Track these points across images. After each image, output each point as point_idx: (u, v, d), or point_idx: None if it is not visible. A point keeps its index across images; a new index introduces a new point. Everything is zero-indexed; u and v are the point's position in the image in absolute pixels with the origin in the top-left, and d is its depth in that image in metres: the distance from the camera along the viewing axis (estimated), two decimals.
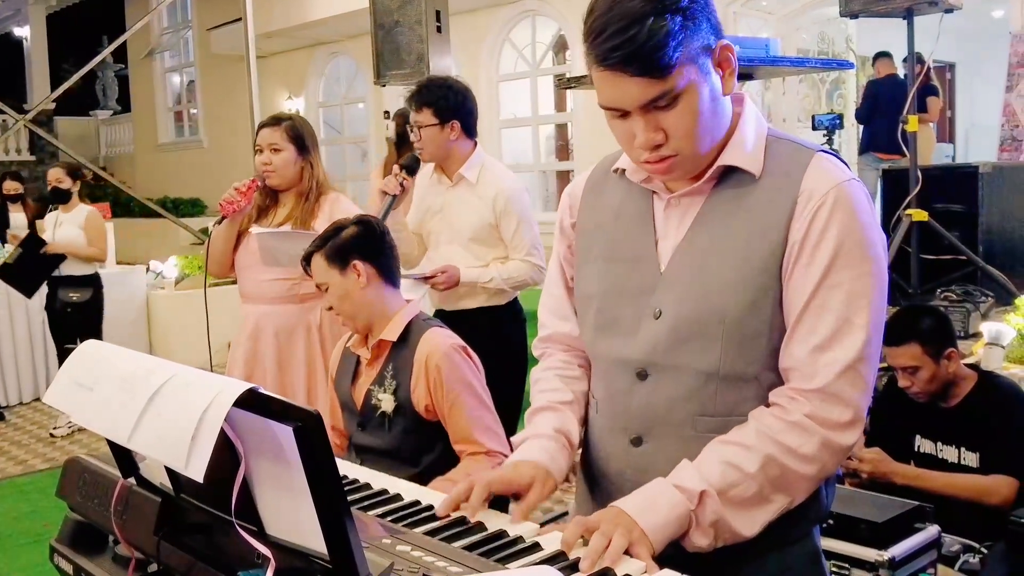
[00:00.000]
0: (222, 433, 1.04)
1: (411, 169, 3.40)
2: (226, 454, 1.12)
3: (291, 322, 3.32)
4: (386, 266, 2.59)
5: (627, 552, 1.31)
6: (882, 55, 8.80)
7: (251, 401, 1.04)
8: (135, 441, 1.09)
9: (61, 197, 6.55)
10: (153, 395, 1.10)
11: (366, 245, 2.57)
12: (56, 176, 6.54)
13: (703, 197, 1.50)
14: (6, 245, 7.93)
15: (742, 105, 1.52)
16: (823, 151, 1.50)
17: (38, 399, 7.61)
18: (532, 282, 3.54)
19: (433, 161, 3.54)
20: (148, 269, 8.40)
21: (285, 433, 1.02)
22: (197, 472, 1.01)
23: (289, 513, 1.11)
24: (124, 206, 13.94)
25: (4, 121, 15.59)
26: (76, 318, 6.50)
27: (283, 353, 3.33)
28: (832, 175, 1.45)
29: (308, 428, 0.99)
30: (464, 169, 3.51)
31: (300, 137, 3.38)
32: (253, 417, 1.06)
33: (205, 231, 11.21)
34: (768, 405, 1.46)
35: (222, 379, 1.07)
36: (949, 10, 5.09)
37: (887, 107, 8.07)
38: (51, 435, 6.44)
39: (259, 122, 3.50)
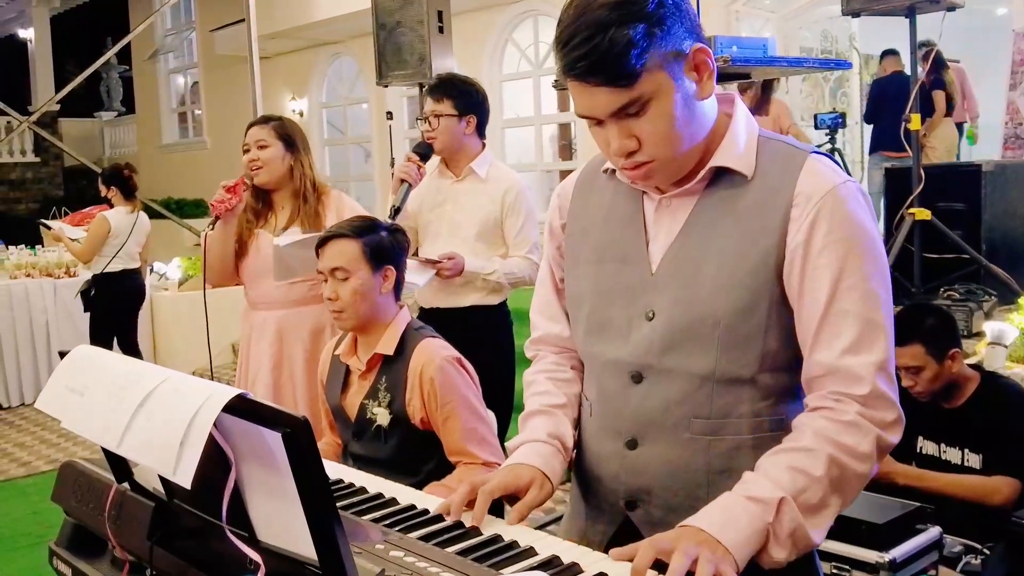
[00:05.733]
0: (212, 439, 1.04)
1: (424, 156, 3.46)
2: (218, 459, 1.11)
3: (320, 322, 3.31)
4: (401, 280, 2.60)
5: None
6: (889, 53, 8.71)
7: (240, 407, 1.03)
8: (125, 447, 1.08)
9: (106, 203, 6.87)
10: (143, 400, 1.09)
11: (400, 255, 2.58)
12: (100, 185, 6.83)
13: (694, 198, 1.50)
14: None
15: (732, 106, 1.52)
16: (816, 152, 1.49)
17: None
18: (530, 281, 3.53)
19: (444, 152, 3.56)
20: (152, 270, 8.41)
21: (274, 439, 1.01)
22: (185, 478, 1.00)
23: (280, 519, 1.10)
24: None
25: (8, 123, 15.63)
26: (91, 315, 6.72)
27: (311, 354, 3.31)
28: (827, 178, 1.44)
29: (296, 434, 0.99)
30: (475, 164, 3.54)
31: (288, 135, 3.37)
32: (243, 423, 1.06)
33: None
34: (763, 409, 1.47)
35: (211, 385, 1.06)
36: (951, 8, 5.07)
37: (893, 105, 7.96)
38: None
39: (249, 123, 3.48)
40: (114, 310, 6.73)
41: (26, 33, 17.51)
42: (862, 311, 1.40)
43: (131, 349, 6.87)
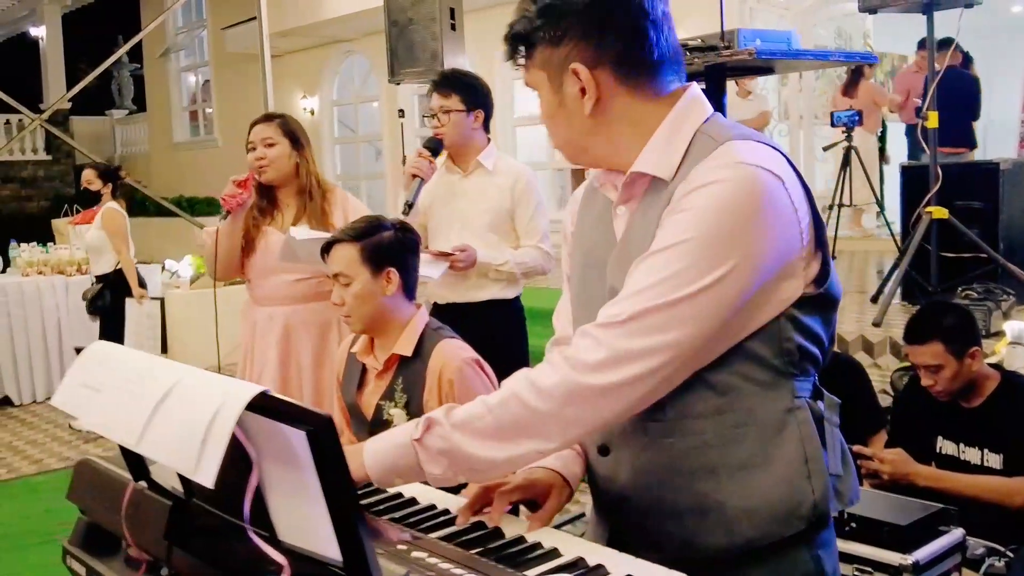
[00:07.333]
0: (234, 437, 1.01)
1: (435, 151, 3.47)
2: (238, 458, 1.09)
3: (327, 318, 3.30)
4: (411, 279, 2.54)
5: None
6: (942, 44, 8.30)
7: (262, 405, 1.00)
8: (144, 445, 1.06)
9: (91, 198, 6.68)
10: (162, 398, 1.07)
11: (404, 254, 2.52)
12: (86, 177, 6.65)
13: (635, 204, 1.46)
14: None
15: (671, 107, 1.45)
16: (740, 139, 1.38)
17: (52, 397, 7.62)
18: (542, 270, 3.56)
19: (453, 147, 3.56)
20: (164, 268, 8.41)
21: (298, 437, 0.99)
22: (207, 478, 0.98)
23: (301, 518, 1.08)
24: (139, 205, 13.99)
25: (20, 120, 15.68)
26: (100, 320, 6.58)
27: (319, 350, 3.32)
28: (722, 160, 1.35)
29: (322, 432, 0.96)
30: (482, 157, 3.55)
31: (293, 132, 3.38)
32: (264, 421, 1.03)
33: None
34: (724, 405, 1.41)
35: (232, 382, 1.04)
36: (969, 5, 5.04)
37: (949, 99, 7.48)
38: (71, 426, 6.43)
39: (252, 121, 3.47)
40: (123, 308, 6.62)
41: (38, 31, 17.56)
42: (640, 281, 1.33)
43: None
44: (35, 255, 7.83)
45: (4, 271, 8.19)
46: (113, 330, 6.54)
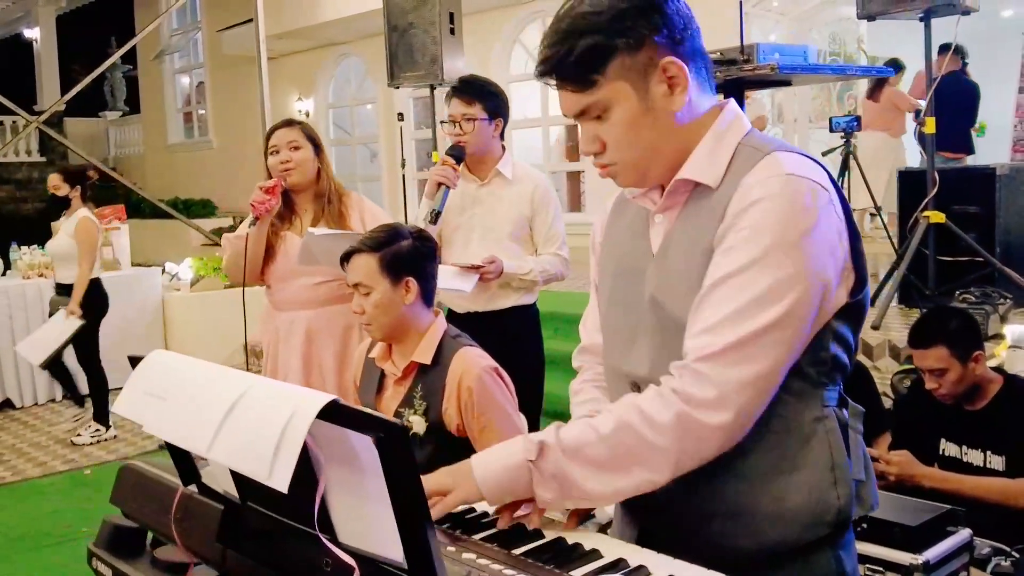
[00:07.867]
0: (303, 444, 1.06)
1: (459, 158, 3.50)
2: (300, 463, 1.13)
3: (349, 320, 3.33)
4: (430, 287, 2.58)
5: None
6: (944, 49, 8.36)
7: (330, 412, 1.05)
8: (214, 451, 1.10)
9: (61, 204, 6.44)
10: (231, 406, 1.11)
11: (422, 263, 2.55)
12: (52, 183, 6.40)
13: (675, 212, 1.51)
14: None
15: (719, 114, 1.50)
16: (783, 150, 1.44)
17: (53, 400, 7.65)
18: (561, 276, 3.62)
19: (473, 156, 3.59)
20: (164, 271, 8.43)
21: (364, 443, 1.04)
22: (281, 483, 1.02)
23: (361, 521, 1.12)
24: (134, 207, 13.98)
25: (14, 123, 15.66)
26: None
27: (341, 353, 3.36)
28: (771, 171, 1.40)
29: (390, 439, 1.01)
30: (500, 165, 3.58)
31: (314, 138, 3.45)
32: (329, 427, 1.07)
33: (217, 232, 11.26)
34: (763, 414, 1.43)
35: (300, 390, 1.08)
36: (966, 12, 5.08)
37: (949, 105, 7.11)
38: (72, 442, 6.43)
39: (271, 126, 3.52)
40: (99, 322, 6.33)
41: (32, 32, 17.52)
42: (738, 301, 1.36)
43: (97, 368, 6.42)
44: (36, 257, 7.83)
45: (4, 274, 8.19)
46: (87, 344, 6.29)
